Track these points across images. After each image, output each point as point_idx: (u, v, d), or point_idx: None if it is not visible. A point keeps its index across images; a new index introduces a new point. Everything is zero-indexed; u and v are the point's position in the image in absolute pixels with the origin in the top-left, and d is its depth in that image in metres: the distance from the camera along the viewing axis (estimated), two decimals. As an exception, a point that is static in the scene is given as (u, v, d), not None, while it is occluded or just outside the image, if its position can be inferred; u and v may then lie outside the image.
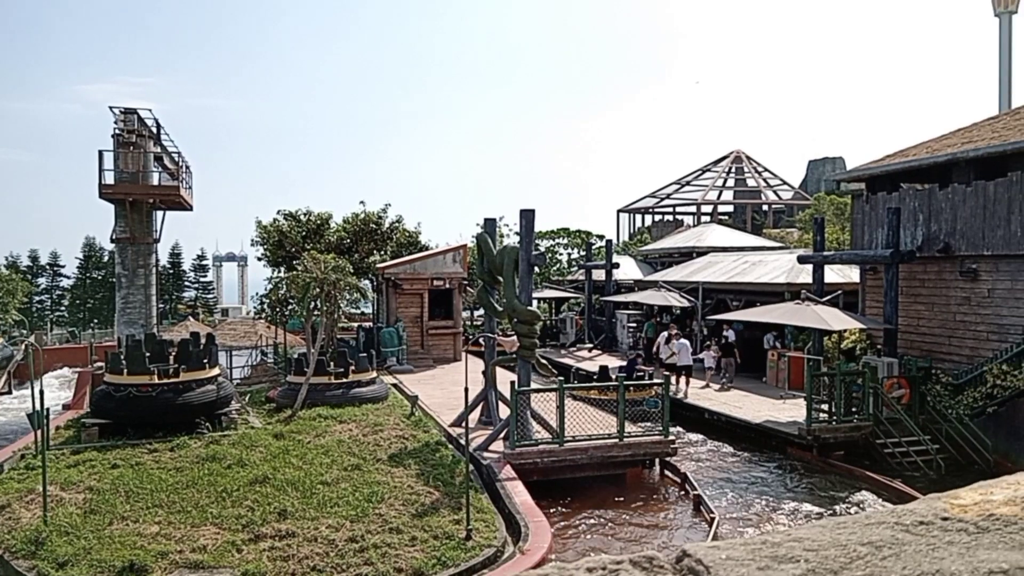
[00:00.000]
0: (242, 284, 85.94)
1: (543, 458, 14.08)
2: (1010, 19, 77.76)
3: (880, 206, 19.55)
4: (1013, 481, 0.88)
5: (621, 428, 14.55)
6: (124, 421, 15.56)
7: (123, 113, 24.34)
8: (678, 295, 26.81)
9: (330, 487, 11.99)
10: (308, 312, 19.60)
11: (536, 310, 16.01)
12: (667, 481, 15.12)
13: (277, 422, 16.63)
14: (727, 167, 56.11)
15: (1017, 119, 17.98)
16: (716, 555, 0.67)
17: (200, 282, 63.90)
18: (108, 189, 23.92)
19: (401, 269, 27.58)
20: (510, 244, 19.17)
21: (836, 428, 16.23)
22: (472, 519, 10.50)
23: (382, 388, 19.37)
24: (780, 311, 19.30)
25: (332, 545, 9.92)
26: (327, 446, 14.39)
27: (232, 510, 11.01)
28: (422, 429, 15.94)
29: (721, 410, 19.20)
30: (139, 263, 24.75)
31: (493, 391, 16.30)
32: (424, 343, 27.44)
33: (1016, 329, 16.02)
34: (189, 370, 16.21)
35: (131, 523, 10.59)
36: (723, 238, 35.01)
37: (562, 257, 44.23)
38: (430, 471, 12.91)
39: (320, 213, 33.94)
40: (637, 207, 56.45)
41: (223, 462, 13.22)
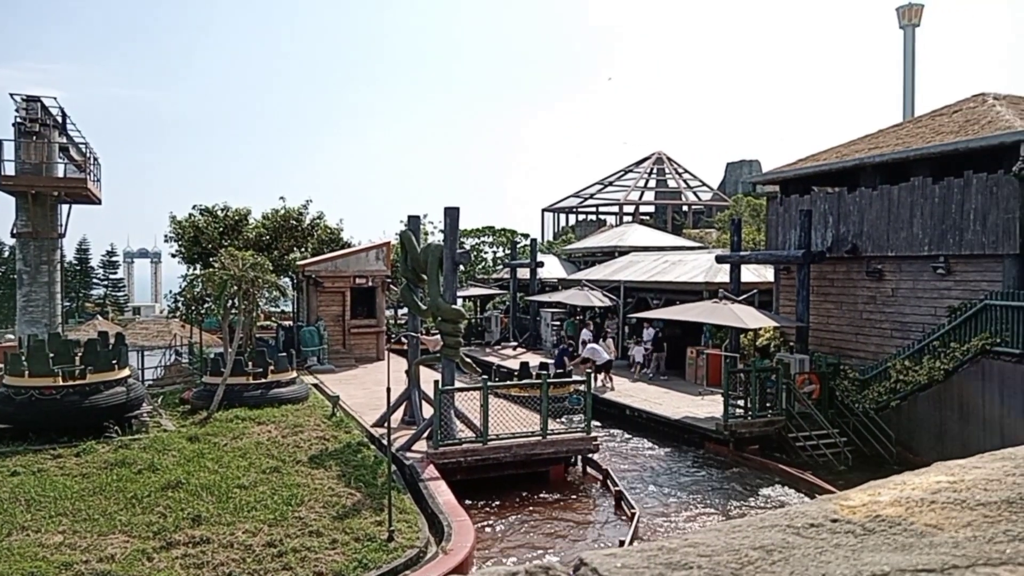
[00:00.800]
0: (155, 282, 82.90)
1: (467, 457, 14.05)
2: (913, 32, 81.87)
3: (793, 208, 20.27)
4: (899, 482, 0.91)
5: (544, 426, 14.65)
6: (25, 425, 14.79)
7: (25, 100, 23.13)
8: (601, 294, 27.19)
9: (247, 491, 11.69)
10: (225, 310, 19.05)
11: (460, 309, 15.97)
12: (589, 478, 15.31)
13: (192, 424, 16.11)
14: (649, 168, 57.19)
15: (919, 126, 18.92)
16: (612, 563, 0.67)
17: (110, 279, 61.40)
18: (8, 181, 22.69)
19: (322, 267, 27.08)
20: (434, 242, 19.07)
21: (751, 423, 16.75)
22: (394, 520, 10.39)
23: (302, 388, 18.99)
24: (699, 310, 19.80)
25: (249, 551, 9.67)
26: (244, 448, 14.03)
27: (143, 517, 10.61)
28: (343, 430, 15.70)
29: (642, 407, 19.56)
30: (42, 259, 23.56)
31: (416, 390, 16.18)
32: (346, 342, 27.03)
33: (917, 327, 16.86)
34: (97, 371, 15.53)
35: (32, 533, 10.07)
36: (644, 238, 35.69)
37: (487, 255, 44.30)
38: (352, 472, 12.73)
39: (238, 209, 33.02)
40: (561, 207, 56.97)
41: (133, 467, 12.73)
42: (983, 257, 15.77)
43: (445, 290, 15.11)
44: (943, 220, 16.47)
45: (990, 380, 14.48)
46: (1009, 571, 0.65)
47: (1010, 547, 0.70)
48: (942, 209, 16.50)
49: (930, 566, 0.66)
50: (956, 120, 17.69)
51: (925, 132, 18.02)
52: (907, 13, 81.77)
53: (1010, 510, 0.80)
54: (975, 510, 0.80)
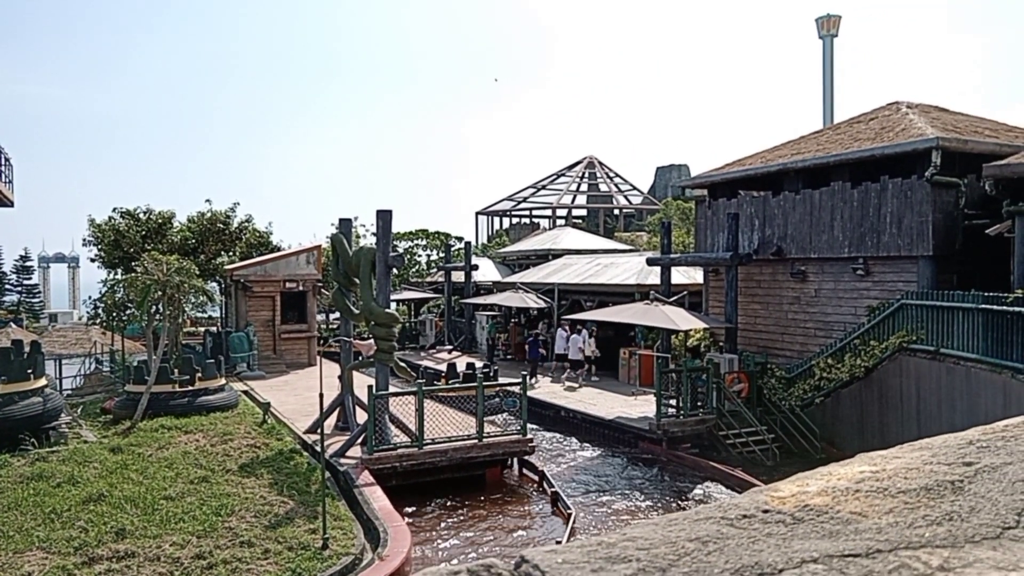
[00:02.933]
0: (73, 287, 79.60)
1: (402, 462, 13.94)
2: (832, 42, 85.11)
3: (721, 211, 20.79)
4: (826, 472, 0.95)
5: (480, 429, 14.65)
6: (-68, 440, 14.01)
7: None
8: (535, 296, 27.35)
9: (174, 502, 11.33)
10: (149, 317, 18.46)
11: (394, 312, 15.83)
12: (526, 479, 15.37)
13: (114, 435, 15.52)
14: (581, 172, 57.84)
15: (839, 133, 19.66)
16: (553, 559, 0.68)
17: (24, 285, 58.76)
18: (-88, 182, 21.47)
19: (251, 271, 26.49)
20: (367, 245, 18.86)
21: (683, 422, 17.10)
22: (329, 527, 10.23)
23: (232, 395, 18.52)
24: (631, 311, 20.11)
25: (177, 564, 9.37)
26: (171, 458, 13.59)
27: (62, 532, 10.16)
28: (275, 437, 15.38)
29: (576, 407, 19.76)
30: (-49, 264, 22.39)
31: (350, 396, 15.98)
32: (276, 348, 26.50)
33: (839, 326, 17.51)
34: (10, 381, 14.84)
35: (-60, 553, 9.54)
36: (577, 241, 36.06)
37: (421, 259, 44.02)
38: (284, 480, 12.48)
39: (162, 212, 32.04)
40: (495, 210, 57.11)
41: (51, 480, 12.19)
42: (899, 259, 16.48)
43: (378, 294, 14.96)
44: (861, 223, 17.14)
45: (907, 376, 15.13)
46: (928, 553, 0.69)
47: (928, 531, 0.74)
48: (860, 213, 17.18)
49: (856, 551, 0.69)
50: (872, 127, 18.45)
51: (844, 139, 18.73)
52: (826, 24, 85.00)
53: (928, 496, 0.84)
54: (896, 497, 0.84)
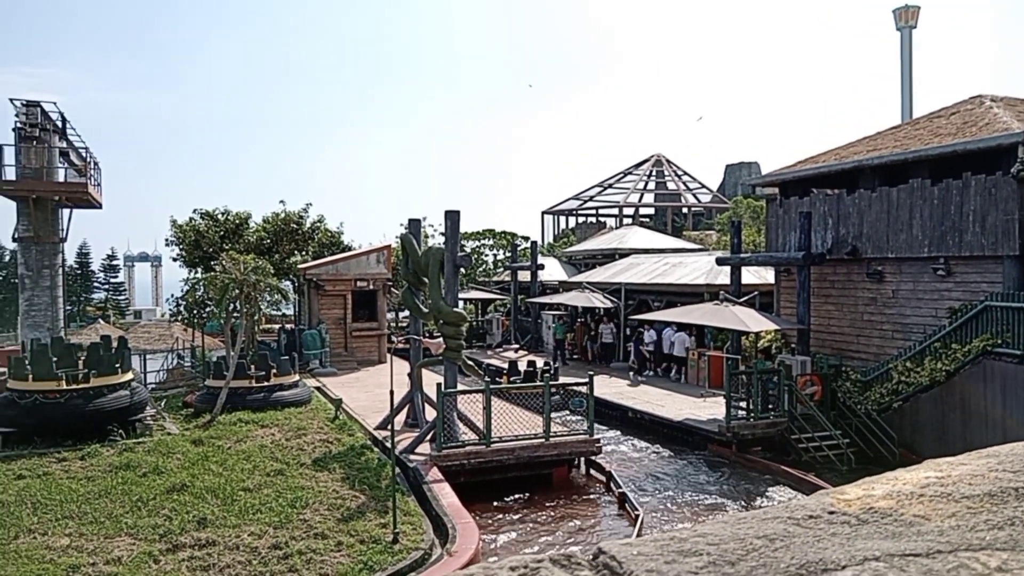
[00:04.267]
0: (156, 285, 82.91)
1: (470, 459, 14.11)
2: (910, 33, 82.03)
3: (793, 210, 20.34)
4: (892, 477, 0.98)
5: (547, 428, 14.71)
6: (30, 430, 14.87)
7: (25, 106, 23.21)
8: (601, 296, 27.26)
9: (252, 493, 11.75)
10: (227, 314, 19.14)
11: (462, 311, 16.04)
12: (593, 480, 15.36)
13: (195, 428, 16.18)
14: (648, 170, 57.29)
15: (917, 129, 18.99)
16: (628, 551, 0.73)
17: (111, 283, 61.51)
18: (9, 186, 22.77)
19: (323, 270, 27.16)
20: (435, 245, 19.15)
21: (754, 425, 16.81)
22: (399, 522, 10.45)
23: (305, 391, 19.05)
24: (700, 312, 19.86)
25: (255, 553, 9.72)
26: (248, 451, 14.09)
27: (148, 519, 10.67)
28: (347, 432, 15.76)
29: (644, 408, 19.62)
30: (44, 263, 23.64)
31: (419, 393, 16.24)
32: (348, 345, 27.10)
33: (918, 328, 16.92)
34: (100, 375, 15.61)
35: (39, 536, 10.13)
36: (645, 240, 35.76)
37: (488, 258, 44.35)
38: (355, 475, 12.79)
39: (239, 212, 33.09)
40: (561, 209, 57.07)
41: (138, 470, 12.80)
42: (983, 258, 15.83)
43: (446, 293, 15.18)
44: (942, 222, 16.53)
45: (992, 381, 14.53)
46: (987, 555, 0.72)
47: (989, 534, 0.77)
48: (941, 211, 16.56)
49: (917, 551, 0.73)
50: (954, 122, 17.76)
51: (923, 134, 18.09)
52: (904, 15, 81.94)
53: (991, 502, 0.86)
54: (959, 502, 0.87)
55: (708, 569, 0.67)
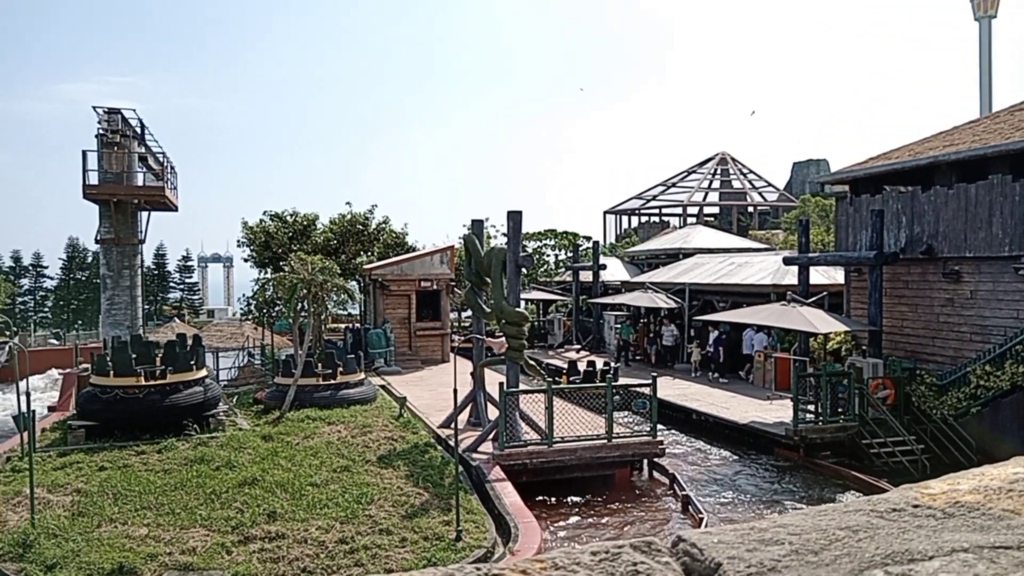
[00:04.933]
0: (228, 285, 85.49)
1: (532, 459, 14.14)
2: (989, 23, 78.59)
3: (864, 208, 19.76)
4: (978, 472, 0.95)
5: (609, 429, 14.64)
6: (111, 423, 15.50)
7: (107, 113, 24.24)
8: (665, 296, 26.96)
9: (319, 489, 12.01)
10: (295, 313, 19.60)
11: (524, 311, 16.08)
12: (656, 482, 15.22)
13: (265, 424, 16.61)
14: (712, 168, 56.42)
15: (997, 122, 18.23)
16: (709, 539, 0.74)
17: (185, 283, 63.59)
18: (92, 189, 23.81)
19: (388, 270, 27.58)
20: (498, 245, 19.25)
21: (823, 428, 16.39)
22: (462, 520, 10.54)
23: (370, 389, 19.38)
24: (766, 312, 19.47)
25: (322, 547, 9.94)
26: (316, 447, 14.40)
27: (221, 512, 11.01)
28: (411, 430, 15.97)
29: (708, 411, 19.34)
30: (124, 264, 24.65)
31: (482, 392, 16.35)
32: (412, 344, 27.45)
33: (998, 330, 16.24)
34: (176, 372, 16.17)
35: (119, 525, 10.57)
36: (709, 239, 35.22)
37: (549, 258, 44.34)
38: (419, 472, 12.95)
39: (307, 214, 33.89)
40: (623, 208, 56.67)
41: (211, 464, 13.21)
42: (1069, 257, 15.09)
43: (509, 293, 15.24)
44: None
45: (1077, 386, 13.85)
46: (1081, 550, 0.70)
47: (1082, 530, 0.75)
48: (1023, 208, 15.86)
49: (1007, 543, 0.71)
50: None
51: (1004, 128, 17.34)
52: (982, 4, 78.53)
53: (1084, 498, 0.84)
54: (1051, 498, 0.85)
55: (791, 557, 0.67)
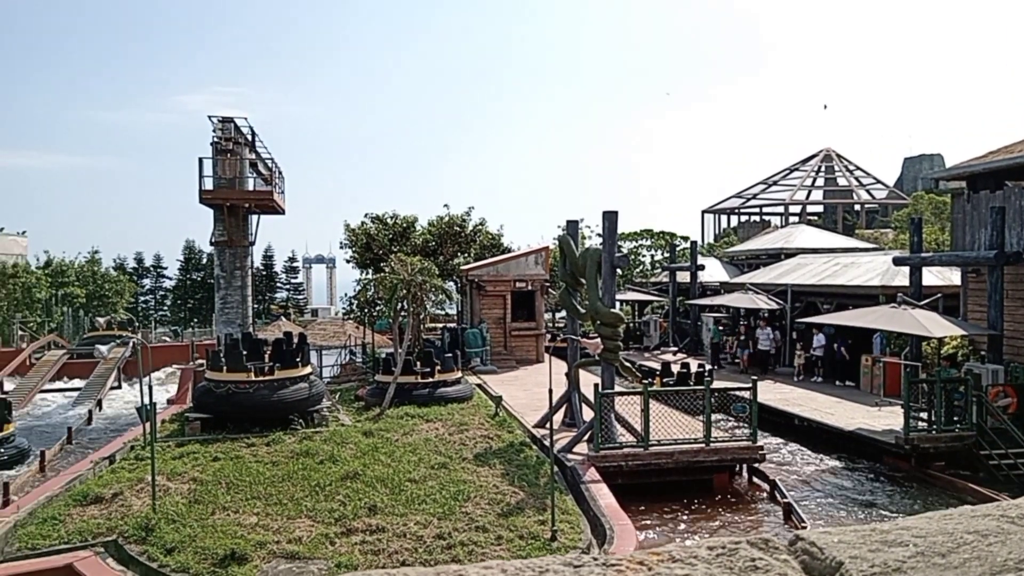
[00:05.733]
0: (331, 285, 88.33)
1: (628, 461, 14.03)
2: None
3: (983, 205, 18.63)
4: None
5: (707, 433, 14.35)
6: (223, 416, 16.31)
7: (220, 121, 25.46)
8: (766, 297, 26.20)
9: (418, 484, 12.27)
10: (395, 313, 20.08)
11: (619, 312, 15.95)
12: (755, 488, 14.82)
13: (366, 420, 17.10)
14: (816, 166, 54.45)
15: None
16: (828, 539, 0.73)
17: (291, 283, 66.06)
18: (208, 194, 25.07)
19: (484, 271, 27.91)
20: (593, 246, 19.16)
21: (936, 437, 15.55)
22: (557, 520, 10.57)
23: (467, 388, 19.65)
24: (875, 315, 18.63)
25: (420, 541, 10.16)
26: (414, 444, 14.73)
27: (325, 504, 11.41)
28: (506, 429, 16.10)
29: (812, 416, 18.67)
30: (236, 265, 25.86)
31: (577, 393, 16.32)
32: (507, 344, 27.67)
33: None
34: (283, 368, 16.86)
35: (232, 513, 11.11)
36: (813, 239, 33.99)
37: (645, 259, 43.82)
38: (515, 471, 13.04)
39: (406, 216, 34.68)
40: (722, 207, 55.43)
41: (316, 457, 13.71)
42: None
43: (604, 294, 15.16)
44: None
45: None
46: None
47: None
48: None
49: None
50: None
51: None
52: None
53: None
54: None
55: (916, 559, 0.65)
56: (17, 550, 10.11)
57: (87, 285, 44.73)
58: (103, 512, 11.21)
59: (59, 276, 43.26)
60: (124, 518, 10.87)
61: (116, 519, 10.88)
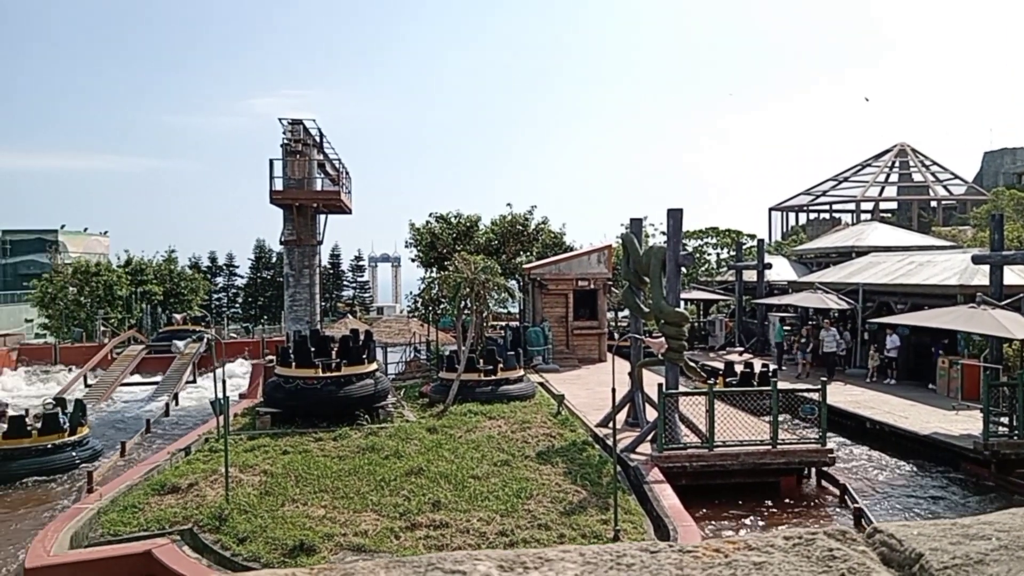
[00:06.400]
0: (395, 284, 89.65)
1: (692, 462, 13.85)
2: None
3: (1071, 201, 17.76)
4: None
5: (774, 435, 14.07)
6: (292, 411, 16.73)
7: (290, 124, 26.13)
8: (836, 297, 25.51)
9: (480, 481, 12.35)
10: (459, 311, 20.27)
11: (684, 312, 15.76)
12: (824, 492, 14.47)
13: (430, 416, 17.31)
14: (890, 161, 52.71)
15: None
16: (908, 531, 0.73)
17: (357, 281, 67.33)
18: (278, 195, 25.76)
19: (547, 270, 27.92)
20: (657, 244, 18.99)
21: (1018, 443, 14.89)
22: (620, 520, 10.51)
23: (529, 386, 19.70)
24: (952, 316, 17.95)
25: (483, 538, 10.23)
26: (477, 441, 14.84)
27: (390, 498, 11.59)
28: (568, 428, 16.09)
29: (884, 419, 18.11)
30: (304, 264, 26.51)
31: (640, 393, 16.20)
32: (569, 343, 27.63)
33: None
34: (350, 365, 17.20)
35: (300, 505, 11.39)
36: (886, 237, 32.94)
37: (710, 257, 43.13)
38: (577, 470, 13.02)
39: (469, 215, 34.91)
40: (790, 205, 54.16)
41: (381, 453, 13.94)
42: None
43: (668, 293, 15.00)
44: None
45: None
46: None
47: None
48: None
49: None
50: None
51: None
52: None
53: None
54: None
55: (999, 552, 0.64)
56: (100, 535, 10.59)
57: (164, 283, 46.43)
58: (179, 501, 11.64)
59: (138, 274, 45.02)
60: (199, 507, 11.26)
61: (191, 508, 11.28)
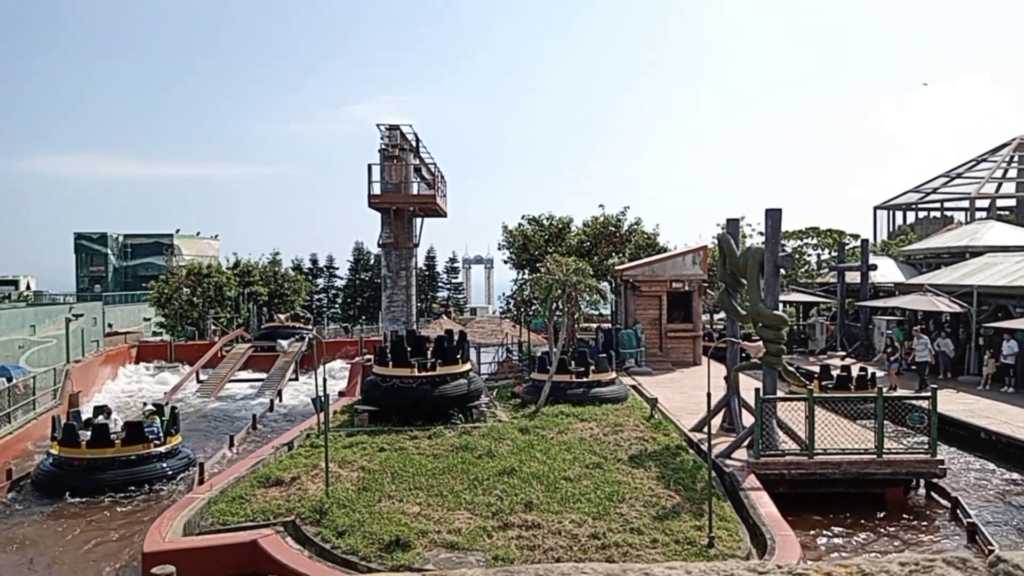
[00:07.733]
0: (488, 285, 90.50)
1: (790, 470, 13.43)
2: None
3: None
4: None
5: (879, 444, 13.48)
6: (389, 409, 17.15)
7: (388, 129, 26.78)
8: (947, 300, 24.21)
9: (572, 483, 12.34)
10: (550, 312, 20.30)
11: (782, 314, 15.29)
12: (934, 505, 13.76)
13: (522, 417, 17.40)
14: (1008, 155, 49.50)
15: None
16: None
17: (452, 283, 68.40)
18: (376, 199, 26.46)
19: (639, 271, 27.61)
20: (754, 245, 18.49)
21: None
22: (715, 526, 10.30)
23: (621, 389, 19.54)
24: (1079, 320, 16.77)
25: (575, 540, 10.22)
26: (569, 443, 14.83)
27: (483, 498, 11.72)
28: (662, 432, 15.87)
29: (1000, 429, 17.08)
30: (401, 266, 27.13)
31: (736, 397, 15.82)
32: (662, 346, 27.24)
33: None
34: (444, 364, 17.49)
35: (396, 502, 11.67)
36: (1003, 236, 31.02)
37: (811, 258, 41.66)
38: (670, 474, 12.83)
39: (561, 217, 34.94)
40: (897, 203, 51.65)
41: (474, 452, 14.11)
42: None
43: (766, 295, 14.58)
44: None
45: None
46: None
47: None
48: None
49: None
50: None
51: None
52: None
53: None
54: None
55: None
56: (210, 524, 11.15)
57: (269, 284, 48.39)
58: (283, 494, 12.11)
59: (245, 276, 47.07)
60: (301, 501, 11.69)
61: (294, 501, 11.72)
